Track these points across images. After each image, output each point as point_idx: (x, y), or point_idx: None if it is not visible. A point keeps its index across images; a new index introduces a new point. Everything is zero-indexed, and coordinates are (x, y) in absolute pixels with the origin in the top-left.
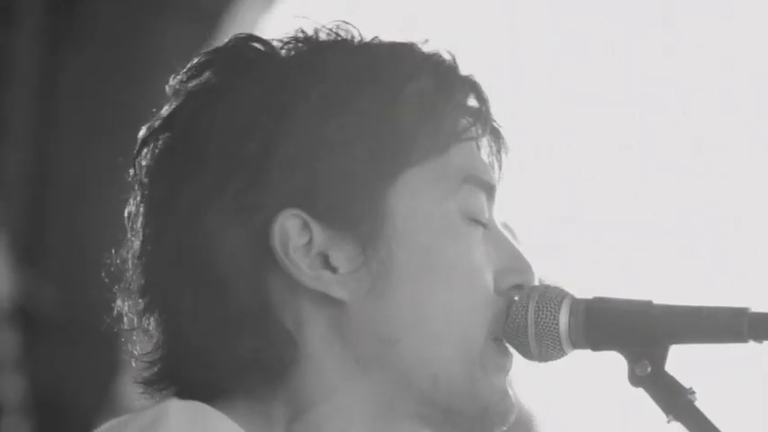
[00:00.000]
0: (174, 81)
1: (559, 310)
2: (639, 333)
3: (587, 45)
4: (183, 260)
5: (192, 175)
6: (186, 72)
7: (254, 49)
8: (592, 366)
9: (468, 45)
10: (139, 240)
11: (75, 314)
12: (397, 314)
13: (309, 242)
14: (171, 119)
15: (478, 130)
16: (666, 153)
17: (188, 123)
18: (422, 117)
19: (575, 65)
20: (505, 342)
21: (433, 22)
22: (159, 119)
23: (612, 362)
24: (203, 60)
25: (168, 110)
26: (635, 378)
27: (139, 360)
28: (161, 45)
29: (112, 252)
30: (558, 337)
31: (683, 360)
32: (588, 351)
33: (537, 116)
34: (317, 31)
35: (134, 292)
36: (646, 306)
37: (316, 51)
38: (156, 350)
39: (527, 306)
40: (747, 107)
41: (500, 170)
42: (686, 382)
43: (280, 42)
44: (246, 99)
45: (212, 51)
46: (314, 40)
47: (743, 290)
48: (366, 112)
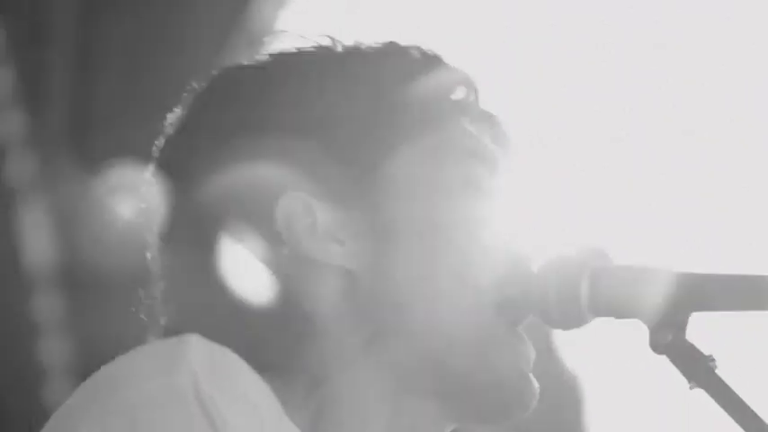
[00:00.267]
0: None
1: (581, 277)
2: (661, 301)
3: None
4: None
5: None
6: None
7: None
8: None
9: (462, 41)
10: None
11: (121, 275)
12: (405, 280)
13: (314, 221)
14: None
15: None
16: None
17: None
18: (415, 90)
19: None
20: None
21: (430, 20)
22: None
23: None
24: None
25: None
26: (657, 346)
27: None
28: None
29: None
30: (580, 304)
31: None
32: (610, 319)
33: (529, 109)
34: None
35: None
36: (667, 273)
37: (305, 52)
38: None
39: (548, 274)
40: (740, 98)
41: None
42: (707, 350)
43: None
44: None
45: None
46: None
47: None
48: (358, 90)
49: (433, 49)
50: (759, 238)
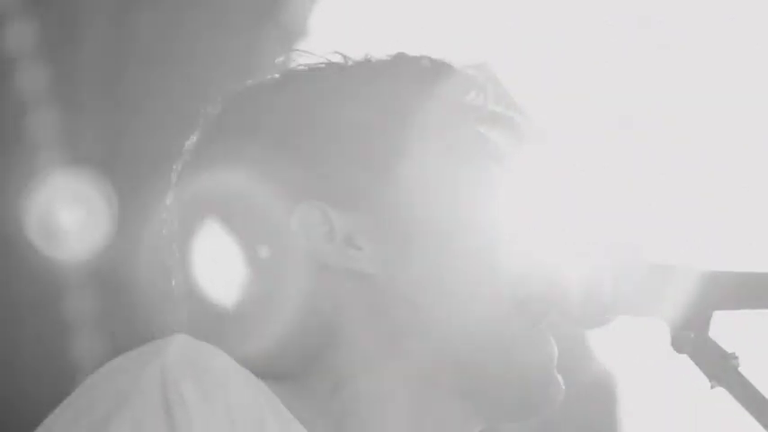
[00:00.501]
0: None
1: (604, 276)
2: (683, 299)
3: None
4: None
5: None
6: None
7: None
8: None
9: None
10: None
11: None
12: (424, 281)
13: (331, 228)
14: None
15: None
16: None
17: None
18: (425, 95)
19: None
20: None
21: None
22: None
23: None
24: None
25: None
26: (678, 344)
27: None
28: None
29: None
30: (603, 303)
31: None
32: (632, 318)
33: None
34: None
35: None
36: (689, 271)
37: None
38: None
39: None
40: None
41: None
42: (730, 348)
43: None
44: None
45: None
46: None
47: None
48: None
49: (442, 56)
50: None
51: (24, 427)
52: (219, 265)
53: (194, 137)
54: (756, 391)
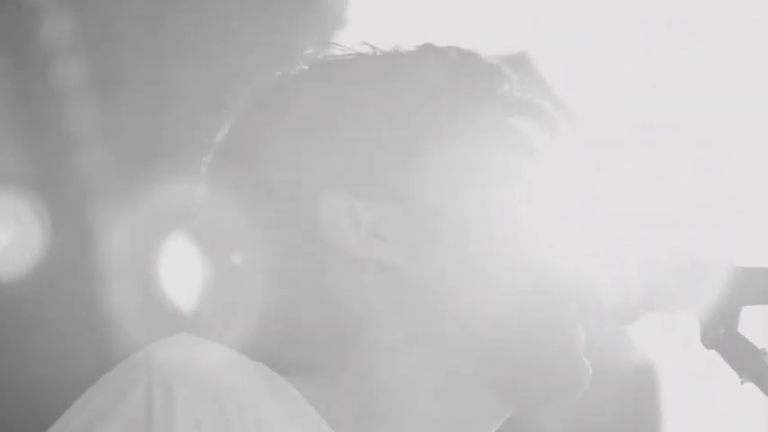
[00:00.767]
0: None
1: (634, 272)
2: (713, 294)
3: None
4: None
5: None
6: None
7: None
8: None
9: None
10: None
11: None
12: (450, 271)
13: (358, 219)
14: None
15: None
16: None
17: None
18: (451, 84)
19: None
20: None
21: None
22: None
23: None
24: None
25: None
26: (708, 340)
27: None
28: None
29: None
30: (633, 299)
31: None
32: (661, 313)
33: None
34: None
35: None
36: (719, 267)
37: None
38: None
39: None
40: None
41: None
42: (760, 343)
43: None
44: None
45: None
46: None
47: None
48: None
49: (468, 47)
50: None
51: None
52: (245, 256)
53: (224, 129)
54: None
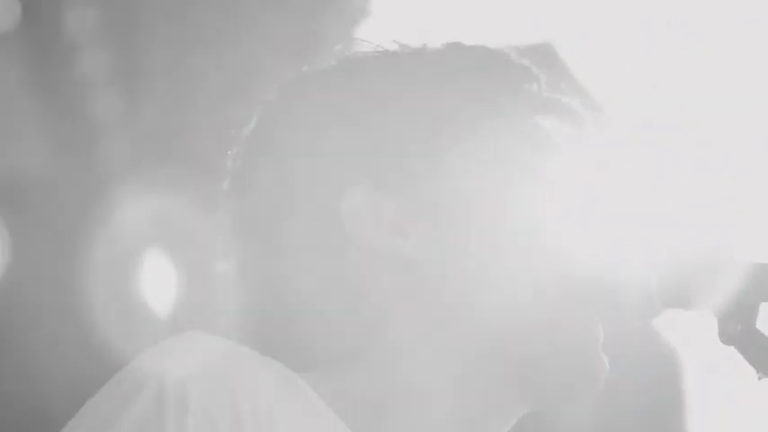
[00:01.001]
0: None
1: (652, 268)
2: (730, 291)
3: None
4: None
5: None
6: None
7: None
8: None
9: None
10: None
11: None
12: (469, 266)
13: (379, 214)
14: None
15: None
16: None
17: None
18: (474, 82)
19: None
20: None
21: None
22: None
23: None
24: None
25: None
26: (726, 336)
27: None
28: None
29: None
30: (651, 296)
31: None
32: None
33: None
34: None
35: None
36: (737, 263)
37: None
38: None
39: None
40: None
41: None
42: None
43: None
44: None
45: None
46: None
47: None
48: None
49: (497, 45)
50: None
51: None
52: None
53: (251, 123)
54: None
